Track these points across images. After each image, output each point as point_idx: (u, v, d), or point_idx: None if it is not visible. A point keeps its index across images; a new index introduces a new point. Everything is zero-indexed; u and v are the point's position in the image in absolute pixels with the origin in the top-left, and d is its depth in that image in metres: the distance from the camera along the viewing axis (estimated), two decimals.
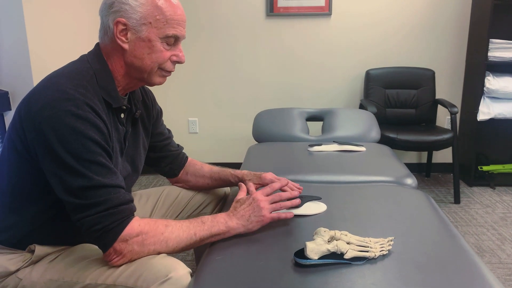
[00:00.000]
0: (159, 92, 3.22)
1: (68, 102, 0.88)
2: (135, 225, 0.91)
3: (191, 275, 0.92)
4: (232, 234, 1.02)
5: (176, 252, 0.96)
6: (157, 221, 0.96)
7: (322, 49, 3.15)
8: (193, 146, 3.34)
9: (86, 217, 0.88)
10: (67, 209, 0.90)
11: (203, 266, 0.94)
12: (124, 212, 0.91)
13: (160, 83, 1.06)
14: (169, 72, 1.05)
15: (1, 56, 2.04)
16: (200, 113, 3.29)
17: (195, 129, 3.32)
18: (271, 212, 1.06)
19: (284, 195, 1.10)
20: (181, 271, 0.88)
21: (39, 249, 0.99)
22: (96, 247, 0.97)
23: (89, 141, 0.89)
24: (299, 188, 1.23)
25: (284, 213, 1.07)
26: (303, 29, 3.12)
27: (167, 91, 3.24)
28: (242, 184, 1.19)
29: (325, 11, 3.06)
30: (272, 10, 3.08)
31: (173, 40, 1.01)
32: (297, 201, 1.11)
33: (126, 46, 0.98)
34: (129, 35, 0.97)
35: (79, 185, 0.87)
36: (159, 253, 0.94)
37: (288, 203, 1.09)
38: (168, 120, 3.26)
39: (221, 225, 1.01)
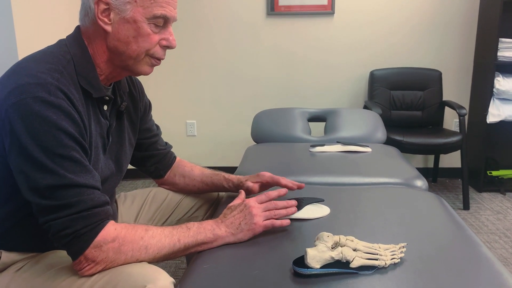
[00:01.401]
0: (155, 93, 3.12)
1: (38, 87, 0.77)
2: (110, 229, 0.80)
3: (175, 286, 0.80)
4: (220, 243, 0.92)
5: (157, 261, 0.85)
6: (136, 225, 0.85)
7: (324, 49, 3.05)
8: (191, 149, 3.23)
9: (54, 220, 0.77)
10: (33, 211, 0.79)
11: (188, 276, 0.82)
12: (98, 216, 0.80)
13: (147, 73, 0.95)
14: (159, 60, 0.93)
15: None
16: (198, 115, 3.19)
17: (193, 132, 3.21)
18: (264, 220, 0.96)
19: (280, 203, 1.00)
20: (161, 281, 0.77)
21: (6, 256, 0.89)
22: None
23: (62, 133, 0.78)
24: (299, 186, 1.12)
25: (279, 221, 0.97)
26: (305, 29, 3.02)
27: (164, 92, 3.15)
28: (242, 191, 1.08)
29: (328, 10, 2.96)
30: (272, 9, 2.98)
31: (163, 22, 0.89)
32: (293, 209, 1.02)
33: (108, 28, 0.87)
34: (112, 15, 0.86)
35: (48, 184, 0.76)
36: (138, 261, 0.82)
37: (283, 211, 0.99)
38: (165, 123, 3.16)
39: (208, 232, 0.91)
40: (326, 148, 1.77)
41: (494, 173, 2.96)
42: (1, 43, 1.94)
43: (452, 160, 3.17)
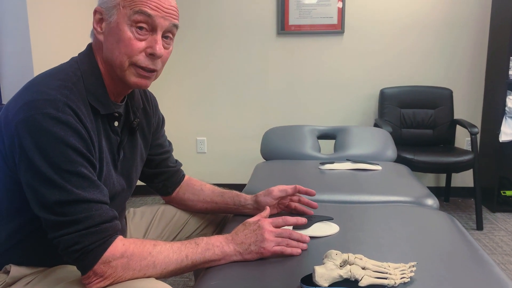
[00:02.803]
0: (165, 110, 3.16)
1: (47, 103, 0.78)
2: (118, 245, 0.80)
3: None
4: (228, 261, 0.90)
5: (164, 276, 0.85)
6: (144, 240, 0.85)
7: (335, 68, 3.06)
8: (201, 166, 3.24)
9: (63, 236, 0.78)
10: (43, 226, 0.80)
11: None
12: (106, 231, 0.80)
13: (138, 85, 0.89)
14: (146, 70, 0.87)
15: (4, 69, 2.00)
16: (208, 132, 3.21)
17: (203, 149, 3.23)
18: (274, 246, 0.92)
19: (295, 234, 0.95)
20: None
21: (15, 270, 0.89)
22: (75, 267, 0.86)
23: (70, 149, 0.79)
24: (313, 206, 1.15)
25: (289, 249, 0.93)
26: (315, 48, 3.05)
27: (175, 109, 3.18)
28: (268, 208, 1.06)
29: (338, 29, 2.99)
30: (283, 28, 3.02)
31: (146, 24, 0.85)
32: (305, 246, 0.96)
33: (101, 37, 0.88)
34: (103, 24, 0.88)
35: (56, 199, 0.77)
36: (145, 276, 0.82)
37: (295, 243, 0.94)
38: (176, 139, 3.18)
39: (216, 249, 0.89)
40: (335, 166, 1.76)
41: (508, 193, 2.91)
42: (18, 61, 1.99)
43: (464, 179, 3.12)
